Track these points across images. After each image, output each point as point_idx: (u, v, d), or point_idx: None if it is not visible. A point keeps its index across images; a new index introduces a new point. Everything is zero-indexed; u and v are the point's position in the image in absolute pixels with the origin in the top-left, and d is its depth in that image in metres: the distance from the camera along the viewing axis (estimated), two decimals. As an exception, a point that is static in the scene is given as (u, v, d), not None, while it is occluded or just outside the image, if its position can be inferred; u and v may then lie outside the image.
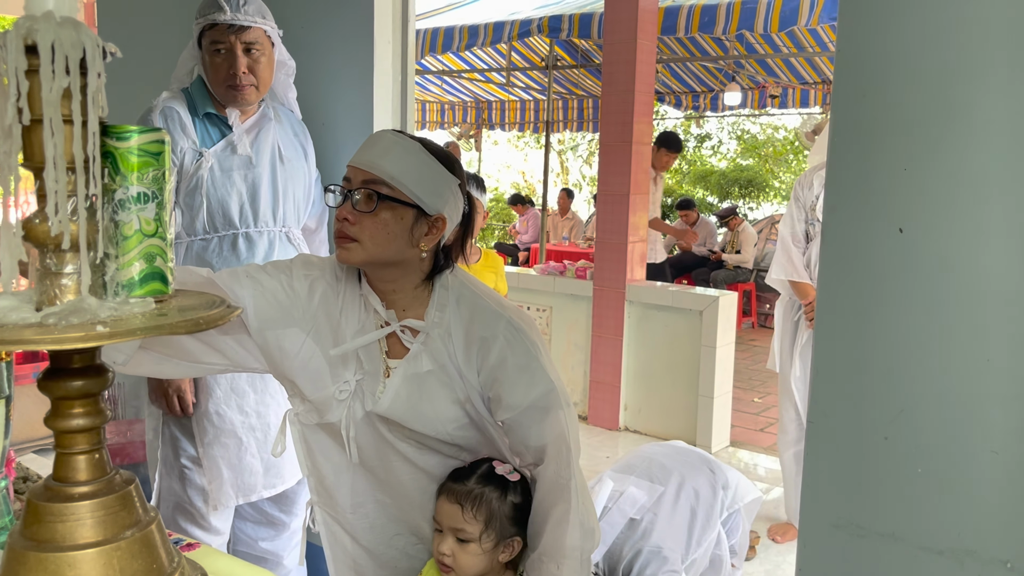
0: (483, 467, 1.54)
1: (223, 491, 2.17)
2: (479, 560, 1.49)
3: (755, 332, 8.04)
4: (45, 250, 0.76)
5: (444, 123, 10.85)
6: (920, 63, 1.25)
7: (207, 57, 2.12)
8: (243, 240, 2.16)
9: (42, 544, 0.77)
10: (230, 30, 2.08)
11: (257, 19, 2.11)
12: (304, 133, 2.37)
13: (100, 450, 0.81)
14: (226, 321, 0.78)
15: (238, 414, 2.16)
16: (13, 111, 0.73)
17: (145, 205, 0.82)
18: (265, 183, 2.19)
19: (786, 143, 14.71)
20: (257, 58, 2.13)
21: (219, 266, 2.12)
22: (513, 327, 1.47)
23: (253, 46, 2.12)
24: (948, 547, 1.29)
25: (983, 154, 1.21)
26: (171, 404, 2.12)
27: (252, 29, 2.10)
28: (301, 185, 2.30)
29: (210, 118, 2.17)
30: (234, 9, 2.07)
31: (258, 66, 2.13)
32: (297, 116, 2.39)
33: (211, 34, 2.09)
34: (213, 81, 2.13)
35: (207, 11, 2.08)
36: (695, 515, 2.39)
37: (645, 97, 4.70)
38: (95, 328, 0.70)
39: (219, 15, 2.06)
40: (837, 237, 1.36)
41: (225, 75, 2.10)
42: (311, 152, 2.37)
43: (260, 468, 2.20)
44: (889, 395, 1.33)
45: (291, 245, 2.26)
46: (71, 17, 0.76)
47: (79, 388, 0.78)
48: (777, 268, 3.39)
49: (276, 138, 2.24)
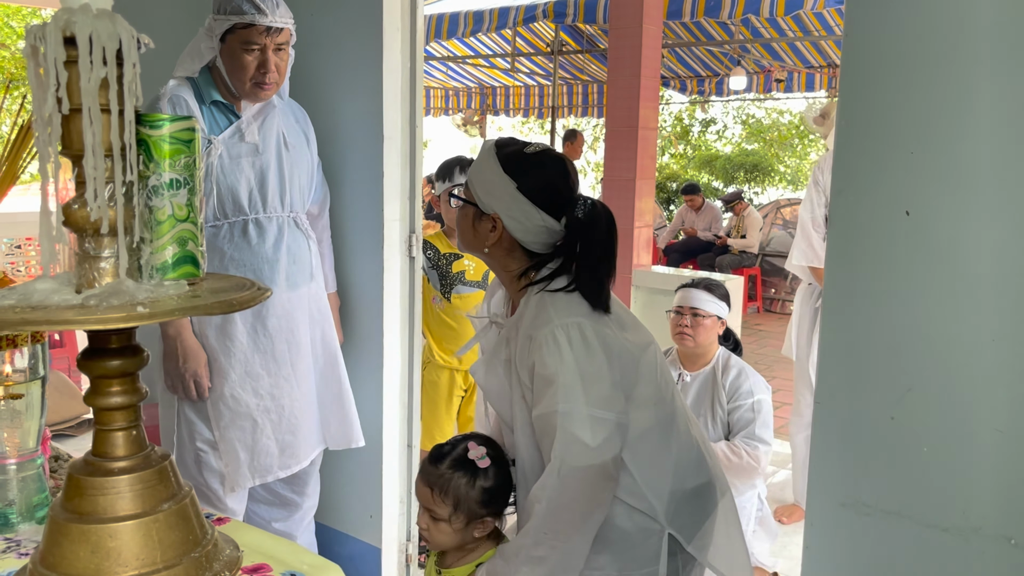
0: (458, 449, 1.58)
1: (240, 473, 2.21)
2: (451, 537, 1.56)
3: (760, 317, 8.06)
4: (84, 235, 0.79)
5: (449, 109, 10.84)
6: (927, 47, 1.27)
7: (236, 55, 2.12)
8: (253, 226, 2.19)
9: (84, 516, 0.80)
10: (267, 32, 2.10)
11: (288, 20, 2.14)
12: (305, 119, 2.39)
13: (137, 426, 0.84)
14: (258, 302, 0.81)
15: (253, 397, 2.20)
16: (53, 100, 0.76)
17: (177, 191, 0.85)
18: (272, 169, 2.22)
19: (791, 127, 14.67)
20: (283, 57, 2.17)
21: (230, 252, 2.15)
22: (554, 336, 1.42)
23: (282, 46, 2.15)
24: (953, 524, 1.32)
25: (989, 138, 1.23)
26: (188, 388, 2.15)
27: (284, 30, 2.14)
28: (305, 171, 2.32)
29: (217, 106, 2.19)
30: (271, 12, 2.09)
31: (283, 64, 2.18)
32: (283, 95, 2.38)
33: (244, 33, 2.10)
34: (238, 78, 2.14)
35: (240, 10, 2.08)
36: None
37: (651, 82, 4.71)
38: (135, 309, 0.73)
39: (257, 16, 2.08)
40: (844, 220, 1.38)
41: (254, 73, 2.12)
42: (312, 138, 2.39)
43: (276, 450, 2.24)
44: (895, 376, 1.35)
45: (299, 231, 2.29)
46: (106, 9, 0.79)
47: (117, 367, 0.82)
48: (798, 254, 3.33)
49: (280, 125, 2.26)
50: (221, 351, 2.18)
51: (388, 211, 2.45)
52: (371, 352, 2.48)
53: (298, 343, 2.26)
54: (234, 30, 2.10)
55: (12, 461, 1.24)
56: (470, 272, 3.04)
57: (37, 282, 0.79)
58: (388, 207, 2.45)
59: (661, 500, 1.49)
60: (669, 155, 15.08)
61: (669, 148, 15.18)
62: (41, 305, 0.74)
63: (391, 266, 2.47)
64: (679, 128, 15.47)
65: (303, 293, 2.28)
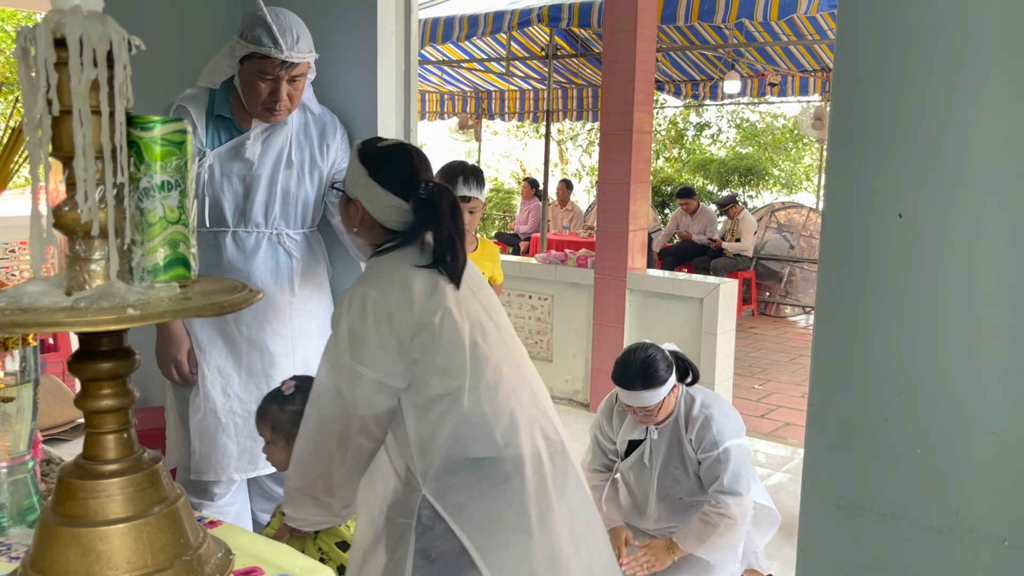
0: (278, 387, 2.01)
1: (193, 461, 2.28)
2: (281, 455, 1.94)
3: (755, 320, 8.07)
4: (74, 237, 0.79)
5: (444, 113, 10.85)
6: (920, 50, 1.27)
7: (251, 79, 2.15)
8: (230, 238, 2.25)
9: (74, 520, 0.80)
10: (282, 66, 2.12)
11: (306, 54, 2.16)
12: (334, 131, 2.38)
13: (128, 430, 0.84)
14: (249, 304, 0.81)
15: (221, 395, 2.27)
16: (43, 102, 0.75)
17: (169, 193, 0.85)
18: (262, 186, 2.25)
19: (785, 131, 14.70)
20: (298, 86, 2.19)
21: (203, 259, 2.18)
22: (347, 298, 1.63)
23: (297, 77, 2.18)
24: (947, 526, 1.32)
25: (982, 139, 1.23)
26: (169, 372, 2.26)
27: (300, 64, 2.16)
28: (311, 188, 2.34)
29: (223, 120, 2.23)
30: (289, 48, 2.10)
31: (297, 93, 2.20)
32: (315, 110, 2.40)
33: (260, 63, 2.12)
34: (250, 100, 2.18)
35: (259, 41, 2.10)
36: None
37: (645, 86, 4.71)
38: (126, 311, 0.73)
39: (273, 50, 2.09)
40: (837, 222, 1.38)
41: (266, 99, 2.16)
42: (336, 141, 2.39)
43: (235, 451, 2.29)
44: (889, 377, 1.35)
45: (279, 247, 2.31)
46: (97, 11, 0.78)
47: (108, 370, 0.81)
48: None
49: (288, 141, 2.29)
50: (199, 344, 2.27)
51: (382, 214, 2.44)
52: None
53: (272, 355, 2.31)
54: (252, 57, 2.13)
55: (3, 465, 1.23)
56: None
57: (27, 284, 0.78)
58: (382, 210, 2.44)
59: (429, 463, 1.61)
60: (664, 159, 15.10)
61: (664, 152, 15.20)
62: (31, 307, 0.74)
63: (385, 269, 2.47)
64: (673, 132, 15.49)
65: (279, 306, 2.30)
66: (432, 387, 1.62)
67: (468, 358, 1.62)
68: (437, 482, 1.61)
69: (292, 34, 2.11)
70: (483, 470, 1.63)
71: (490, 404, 1.64)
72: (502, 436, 1.63)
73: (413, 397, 1.62)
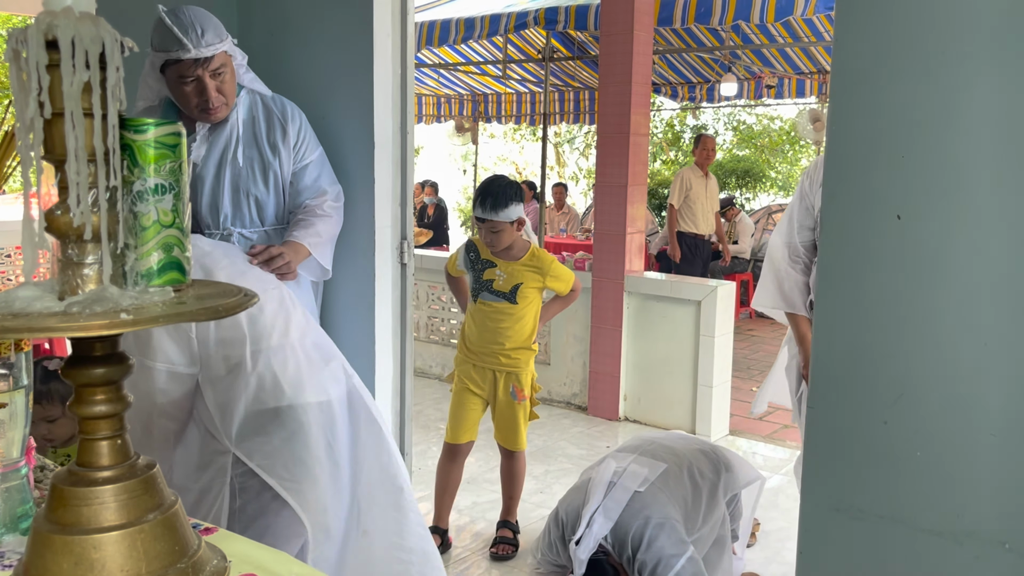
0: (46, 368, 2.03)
1: None
2: (69, 427, 2.03)
3: (753, 322, 8.06)
4: (67, 241, 0.78)
5: (441, 116, 10.83)
6: (917, 51, 1.27)
7: (175, 85, 2.15)
8: None
9: (67, 527, 0.79)
10: (196, 64, 2.10)
11: (217, 44, 2.13)
12: (289, 119, 2.34)
13: (122, 436, 0.83)
14: (244, 309, 0.80)
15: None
16: (35, 105, 0.74)
17: (162, 196, 0.84)
18: (207, 187, 2.24)
19: (782, 133, 14.72)
20: (223, 78, 2.17)
21: None
22: None
23: (219, 69, 2.16)
24: (947, 529, 1.32)
25: (980, 141, 1.23)
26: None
27: (215, 57, 2.13)
28: (266, 182, 2.30)
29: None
30: (196, 45, 2.08)
31: (225, 85, 2.19)
32: (266, 93, 2.36)
33: (177, 68, 2.11)
34: (184, 106, 2.19)
35: (168, 47, 2.08)
36: (699, 491, 2.39)
37: (642, 88, 4.71)
38: (119, 316, 0.72)
39: (182, 52, 2.07)
40: (836, 224, 1.38)
41: (197, 102, 2.16)
42: (294, 133, 2.34)
43: None
44: (888, 380, 1.35)
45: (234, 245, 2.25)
46: (89, 12, 0.78)
47: (101, 376, 0.80)
48: (762, 293, 2.58)
49: (233, 137, 2.26)
50: None
51: (379, 218, 2.44)
52: (362, 358, 2.47)
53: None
54: (168, 64, 2.12)
55: (-4, 471, 1.22)
56: (498, 282, 3.05)
57: (19, 289, 0.77)
58: (379, 214, 2.44)
59: (230, 426, 1.77)
60: (661, 161, 15.11)
61: (660, 154, 15.21)
62: (23, 312, 0.73)
63: (383, 272, 2.46)
64: (670, 134, 15.51)
65: None
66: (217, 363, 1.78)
67: (246, 328, 1.79)
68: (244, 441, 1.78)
69: (196, 30, 2.08)
70: (279, 419, 1.80)
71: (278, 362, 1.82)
72: (290, 388, 1.81)
73: (204, 373, 1.79)
